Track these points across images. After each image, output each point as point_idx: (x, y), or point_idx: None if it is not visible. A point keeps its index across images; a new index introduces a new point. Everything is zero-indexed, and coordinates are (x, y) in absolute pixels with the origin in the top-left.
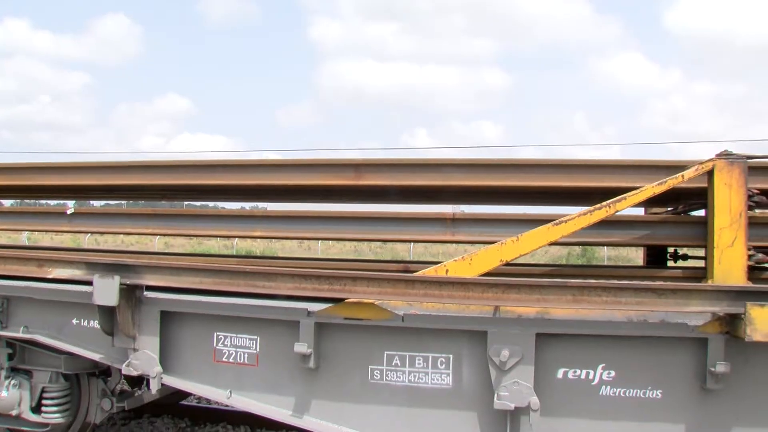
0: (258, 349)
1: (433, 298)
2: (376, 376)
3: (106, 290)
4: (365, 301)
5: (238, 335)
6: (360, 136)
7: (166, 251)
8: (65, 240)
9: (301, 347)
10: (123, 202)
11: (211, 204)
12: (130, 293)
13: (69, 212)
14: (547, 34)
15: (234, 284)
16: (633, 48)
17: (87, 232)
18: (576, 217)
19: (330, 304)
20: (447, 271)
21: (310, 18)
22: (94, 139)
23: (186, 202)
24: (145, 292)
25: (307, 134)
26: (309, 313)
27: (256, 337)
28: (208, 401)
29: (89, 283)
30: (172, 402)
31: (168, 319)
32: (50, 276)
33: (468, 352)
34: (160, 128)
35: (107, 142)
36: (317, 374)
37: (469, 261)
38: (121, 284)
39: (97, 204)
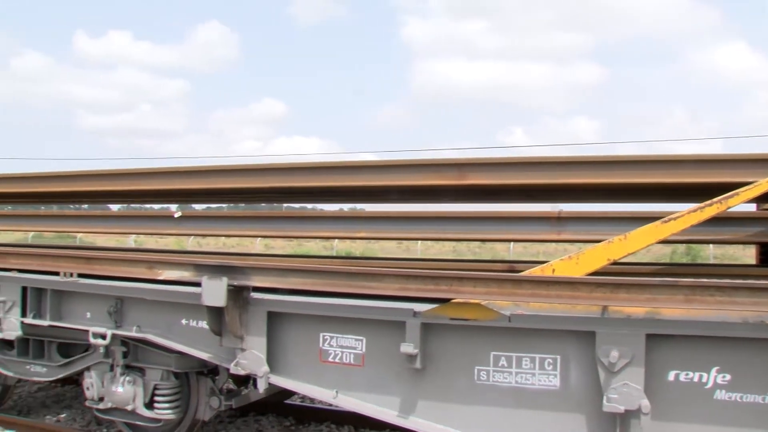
0: (364, 350)
1: (541, 297)
2: (483, 377)
3: (215, 291)
4: (471, 301)
5: (344, 336)
6: (454, 135)
7: (266, 253)
8: (169, 243)
9: (407, 347)
10: (224, 205)
11: (309, 206)
12: (238, 294)
13: (176, 215)
14: (642, 25)
15: (341, 285)
16: (735, 36)
17: (193, 235)
18: (686, 214)
19: (436, 305)
20: (553, 270)
21: (401, 18)
22: (193, 144)
23: (285, 204)
24: (252, 293)
25: (401, 134)
26: (415, 314)
27: (362, 337)
28: (312, 401)
29: (198, 284)
30: (277, 401)
31: (275, 319)
32: (160, 277)
33: (576, 353)
34: (257, 132)
35: (205, 147)
36: (423, 375)
37: (576, 260)
38: (228, 285)
39: (198, 207)
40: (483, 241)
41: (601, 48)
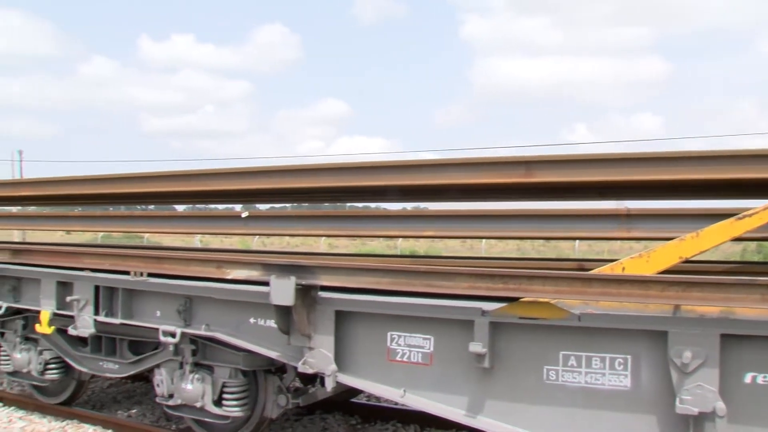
0: (432, 349)
1: (611, 296)
2: (552, 377)
3: (283, 290)
4: (540, 300)
5: (412, 335)
6: (515, 133)
7: (330, 252)
8: (234, 242)
9: (476, 347)
10: (287, 205)
11: (372, 205)
12: (306, 293)
13: (243, 215)
14: (707, 15)
15: (410, 284)
16: None
17: (259, 234)
18: (761, 210)
19: (504, 303)
20: (623, 269)
21: (461, 16)
22: (255, 145)
23: (349, 204)
24: (320, 292)
25: (462, 133)
26: (484, 313)
27: (430, 336)
28: (378, 399)
29: (266, 283)
30: (343, 399)
31: (342, 318)
32: (229, 277)
33: (647, 352)
34: (319, 132)
35: (268, 148)
36: (491, 374)
37: (647, 258)
38: (297, 284)
39: (261, 207)
40: (550, 239)
41: (664, 41)
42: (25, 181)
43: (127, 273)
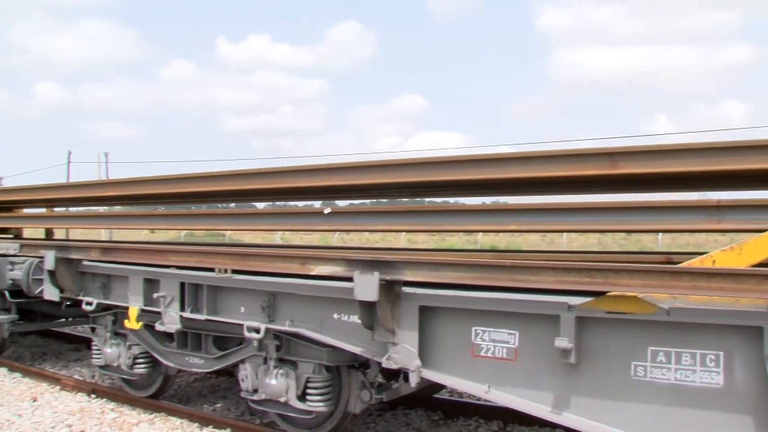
0: (517, 344)
1: (702, 290)
2: (640, 373)
3: (367, 286)
4: (628, 294)
5: (497, 330)
6: (594, 124)
7: (410, 247)
8: (314, 239)
9: (562, 342)
10: (366, 201)
11: (452, 200)
12: (389, 289)
13: (326, 212)
14: None
15: (494, 278)
16: None
17: (339, 231)
18: None
19: (591, 298)
20: (714, 261)
21: (537, 8)
22: (333, 142)
23: (428, 199)
24: (404, 288)
25: (540, 125)
26: (570, 307)
27: (515, 331)
28: (460, 395)
29: (350, 279)
30: (425, 395)
31: (426, 313)
32: (313, 273)
33: (741, 349)
34: (397, 128)
35: (345, 145)
36: (577, 370)
37: (739, 251)
38: (380, 280)
39: (340, 204)
40: (637, 231)
41: (750, 25)
42: (111, 182)
43: (211, 270)
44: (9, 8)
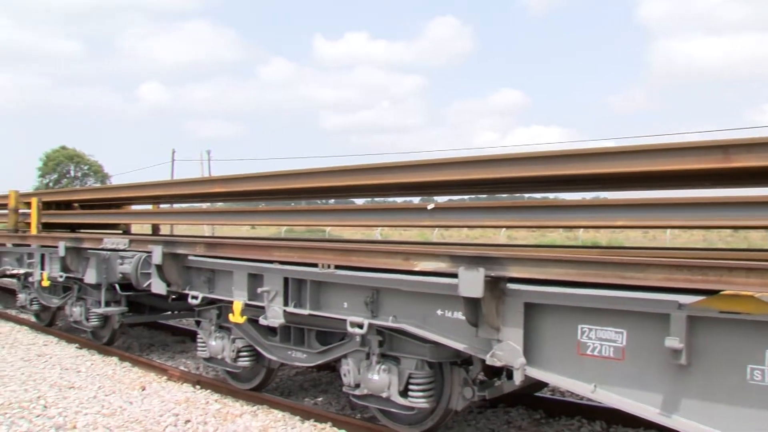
0: (624, 343)
1: None
2: (757, 377)
3: (472, 282)
4: (743, 293)
5: (604, 328)
6: (698, 116)
7: (510, 243)
8: (412, 235)
9: (672, 342)
10: (465, 197)
11: (551, 195)
12: (494, 285)
13: (430, 207)
14: None
15: (601, 275)
16: None
17: (439, 226)
18: None
19: (703, 296)
20: None
21: None
22: (431, 138)
23: (527, 195)
24: (509, 284)
25: (642, 119)
26: (680, 306)
27: (622, 330)
28: (562, 393)
29: (454, 275)
30: (527, 393)
31: (531, 310)
32: (416, 269)
33: None
34: (494, 123)
35: (443, 140)
36: (688, 371)
37: None
38: (485, 276)
39: (439, 200)
40: (750, 228)
41: None
42: (217, 179)
43: (314, 265)
44: (117, 17)
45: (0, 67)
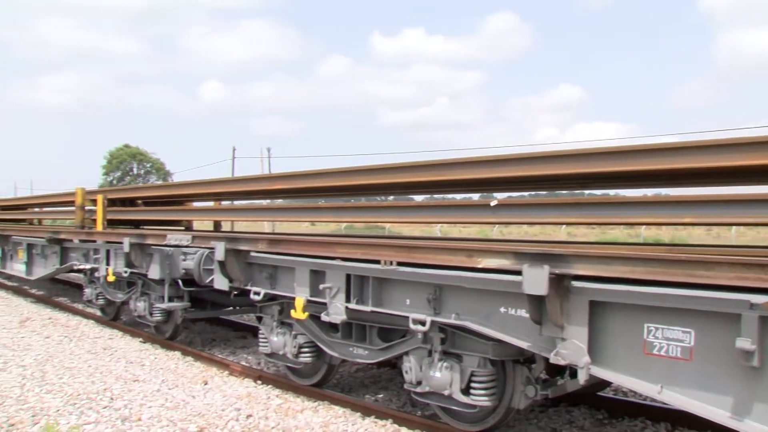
0: (692, 343)
1: None
2: None
3: (536, 279)
4: None
5: (671, 327)
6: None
7: (570, 240)
8: (471, 232)
9: (743, 343)
10: (525, 193)
11: (611, 192)
12: (559, 282)
13: (493, 204)
14: None
15: (668, 273)
16: None
17: (512, 223)
18: None
19: None
20: None
21: None
22: (489, 134)
23: (587, 191)
24: (573, 282)
25: (706, 113)
26: (752, 306)
27: (690, 329)
28: (625, 393)
29: (518, 272)
30: (589, 392)
31: (596, 308)
32: (479, 266)
33: None
34: (554, 119)
35: (501, 137)
36: (762, 374)
37: None
38: (550, 274)
39: (497, 196)
40: None
41: None
42: (279, 176)
43: (377, 262)
44: (178, 16)
45: (67, 67)
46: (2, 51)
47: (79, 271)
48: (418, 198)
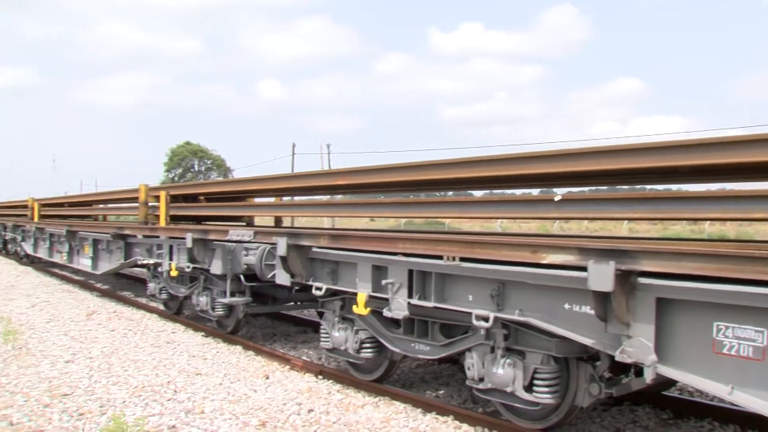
0: (765, 342)
1: None
2: None
3: (602, 276)
4: None
5: (742, 326)
6: None
7: (633, 236)
8: (532, 227)
9: None
10: (585, 188)
11: (674, 187)
12: (625, 279)
13: (557, 199)
14: None
15: (739, 270)
16: None
17: (577, 218)
18: None
19: None
20: None
21: None
22: (548, 129)
23: (649, 186)
24: (640, 278)
25: None
26: None
27: (762, 329)
28: (691, 393)
29: (583, 268)
30: (654, 391)
31: (663, 306)
32: (544, 262)
33: None
34: (614, 113)
35: (560, 131)
36: None
37: None
38: (616, 270)
39: (557, 191)
40: None
41: None
42: (342, 171)
43: (439, 257)
44: (236, 16)
45: (128, 68)
46: (67, 53)
47: (142, 266)
48: (477, 194)
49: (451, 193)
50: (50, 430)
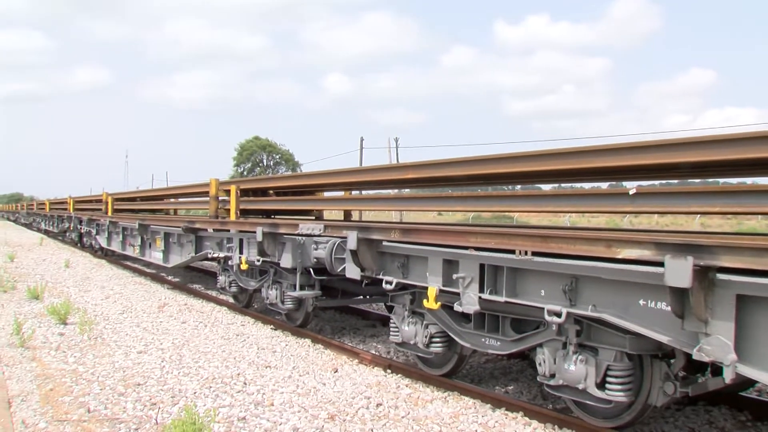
0: None
1: None
2: None
3: (678, 271)
4: None
5: None
6: None
7: (706, 231)
8: (600, 221)
9: None
10: (655, 182)
11: (749, 180)
12: (703, 275)
13: (632, 192)
14: None
15: None
16: None
17: (644, 213)
18: None
19: None
20: None
21: None
22: (616, 122)
23: (722, 180)
24: (719, 274)
25: None
26: None
27: None
28: None
29: (659, 263)
30: (731, 392)
31: (744, 303)
32: (619, 256)
33: None
34: (684, 105)
35: (629, 124)
36: None
37: None
38: (694, 265)
39: (627, 185)
40: None
41: None
42: (409, 165)
43: (511, 252)
44: (302, 11)
45: (199, 65)
46: (138, 52)
47: (212, 259)
48: (545, 187)
49: (519, 187)
50: (125, 419)
